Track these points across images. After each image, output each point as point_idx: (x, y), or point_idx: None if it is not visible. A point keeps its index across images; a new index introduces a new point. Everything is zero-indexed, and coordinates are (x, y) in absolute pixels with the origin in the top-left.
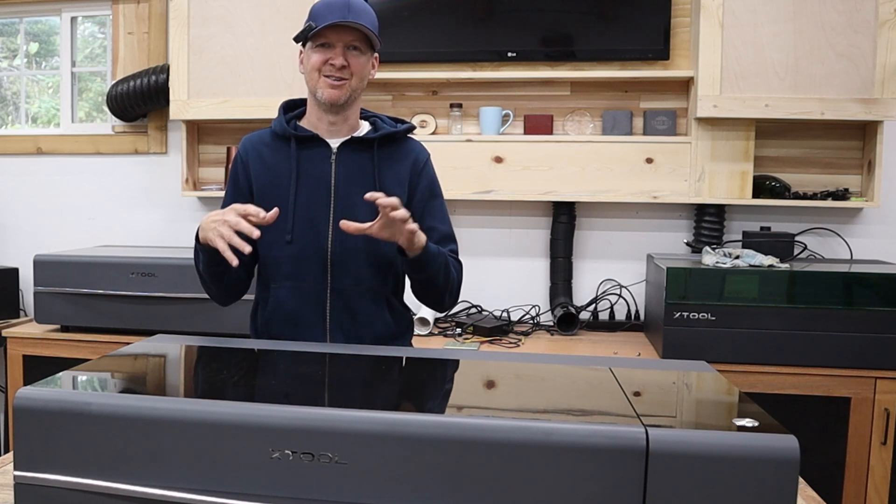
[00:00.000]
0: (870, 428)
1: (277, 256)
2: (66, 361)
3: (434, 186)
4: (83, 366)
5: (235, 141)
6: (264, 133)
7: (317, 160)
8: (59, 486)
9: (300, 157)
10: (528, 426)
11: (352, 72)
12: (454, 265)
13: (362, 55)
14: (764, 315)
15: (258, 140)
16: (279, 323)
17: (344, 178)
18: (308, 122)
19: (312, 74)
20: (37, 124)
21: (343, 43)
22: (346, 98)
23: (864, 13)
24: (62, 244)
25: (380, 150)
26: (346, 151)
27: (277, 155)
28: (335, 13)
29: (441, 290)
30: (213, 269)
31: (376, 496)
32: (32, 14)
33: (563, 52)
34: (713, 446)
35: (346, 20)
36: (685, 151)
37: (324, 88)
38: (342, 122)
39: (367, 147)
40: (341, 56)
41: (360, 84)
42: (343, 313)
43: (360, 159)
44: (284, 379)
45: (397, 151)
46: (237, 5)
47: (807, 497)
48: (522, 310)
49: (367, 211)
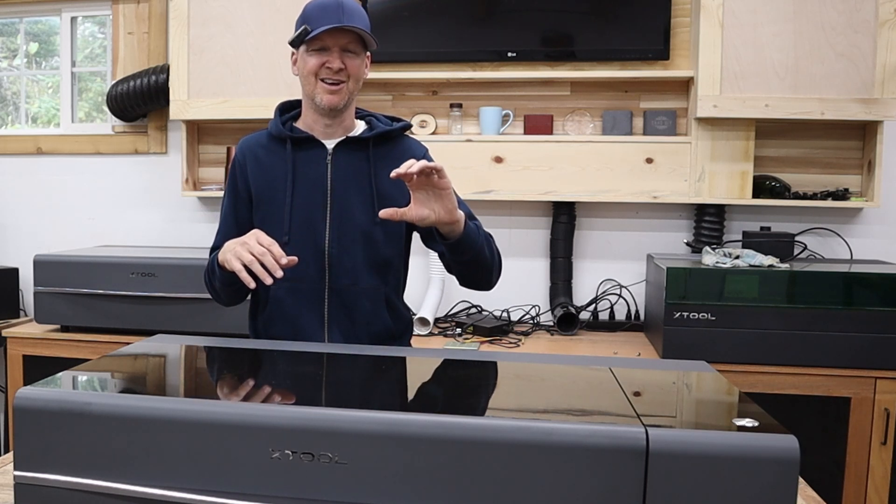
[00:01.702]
0: (870, 428)
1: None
2: (66, 361)
3: None
4: (83, 366)
5: (235, 141)
6: (261, 135)
7: (313, 161)
8: (59, 486)
9: (296, 159)
10: (528, 426)
11: (348, 74)
12: (493, 242)
13: (357, 57)
14: (764, 315)
15: (255, 142)
16: (278, 323)
17: (340, 178)
18: (304, 124)
19: (309, 79)
20: (37, 124)
21: (339, 46)
22: (345, 102)
23: (864, 13)
24: (62, 244)
25: (375, 149)
26: (342, 152)
27: (274, 157)
28: (330, 16)
29: (489, 265)
30: (230, 288)
31: (376, 496)
32: (32, 14)
33: (563, 52)
34: (713, 446)
35: (343, 24)
36: (685, 151)
37: (322, 94)
38: (338, 123)
39: (363, 147)
40: (338, 59)
41: (356, 86)
42: (341, 313)
43: (356, 159)
44: (284, 379)
45: (393, 150)
46: (237, 5)
47: (807, 497)
48: (522, 310)
49: (363, 211)
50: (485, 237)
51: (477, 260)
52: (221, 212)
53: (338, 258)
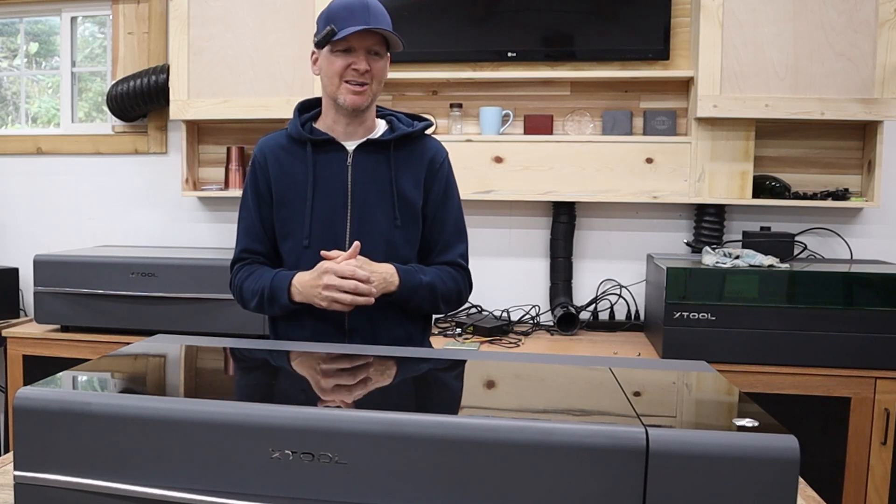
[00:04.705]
0: (870, 428)
1: (296, 261)
2: (66, 361)
3: (449, 187)
4: (83, 366)
5: (235, 141)
6: (280, 135)
7: (333, 163)
8: (59, 486)
9: (316, 161)
10: (528, 426)
11: (373, 76)
12: (448, 282)
13: (381, 59)
14: (764, 315)
15: (274, 143)
16: (298, 326)
17: (360, 180)
18: (323, 125)
19: (333, 80)
20: (37, 124)
21: (365, 48)
22: (368, 103)
23: (864, 13)
24: (62, 244)
25: (396, 150)
26: (363, 154)
27: (294, 158)
28: (357, 18)
29: (430, 309)
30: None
31: (376, 496)
32: (32, 14)
33: (563, 52)
34: (713, 446)
35: (370, 26)
36: (685, 151)
37: (346, 95)
38: (359, 123)
39: (384, 148)
40: (364, 61)
41: (379, 87)
42: (362, 317)
43: (377, 161)
44: (284, 379)
45: (414, 151)
46: (237, 5)
47: (807, 497)
48: (522, 310)
49: (384, 213)
50: (431, 293)
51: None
52: (241, 213)
53: None
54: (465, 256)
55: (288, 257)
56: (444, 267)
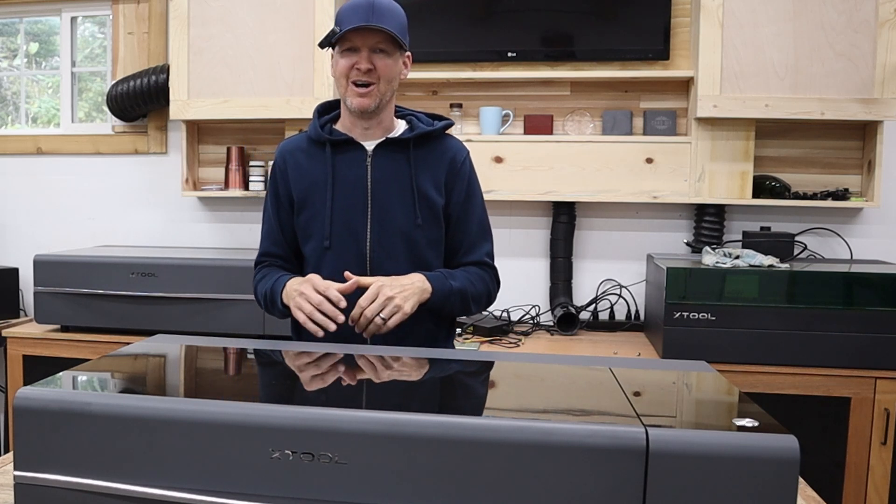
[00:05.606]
0: (870, 428)
1: (317, 262)
2: (66, 361)
3: (471, 186)
4: (83, 366)
5: (235, 141)
6: (300, 138)
7: (352, 164)
8: (59, 486)
9: (335, 162)
10: (528, 426)
11: (378, 75)
12: (477, 284)
13: (389, 57)
14: (764, 315)
15: (295, 146)
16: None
17: (380, 180)
18: (342, 126)
19: (340, 80)
20: (37, 124)
21: (368, 46)
22: (376, 104)
23: (864, 13)
24: (62, 244)
25: (416, 150)
26: (382, 153)
27: (313, 160)
28: (359, 16)
29: (463, 313)
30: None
31: (376, 496)
32: (32, 14)
33: (563, 52)
34: (713, 446)
35: (369, 23)
36: (685, 151)
37: (352, 97)
38: (376, 124)
39: (403, 148)
40: (366, 60)
41: (388, 87)
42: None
43: (396, 161)
44: (284, 379)
45: (434, 151)
46: (237, 5)
47: (807, 497)
48: (522, 310)
49: (404, 213)
50: (462, 298)
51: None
52: (263, 216)
53: (379, 262)
54: (491, 255)
55: (310, 258)
56: (470, 268)
